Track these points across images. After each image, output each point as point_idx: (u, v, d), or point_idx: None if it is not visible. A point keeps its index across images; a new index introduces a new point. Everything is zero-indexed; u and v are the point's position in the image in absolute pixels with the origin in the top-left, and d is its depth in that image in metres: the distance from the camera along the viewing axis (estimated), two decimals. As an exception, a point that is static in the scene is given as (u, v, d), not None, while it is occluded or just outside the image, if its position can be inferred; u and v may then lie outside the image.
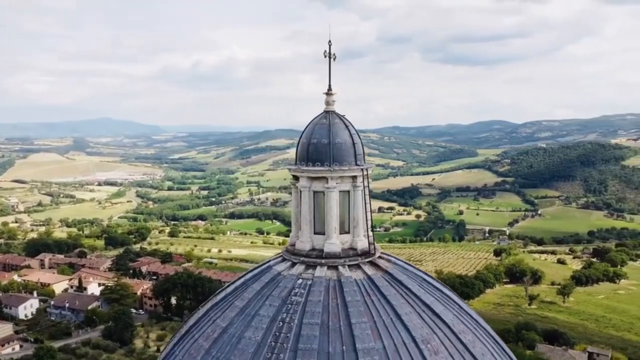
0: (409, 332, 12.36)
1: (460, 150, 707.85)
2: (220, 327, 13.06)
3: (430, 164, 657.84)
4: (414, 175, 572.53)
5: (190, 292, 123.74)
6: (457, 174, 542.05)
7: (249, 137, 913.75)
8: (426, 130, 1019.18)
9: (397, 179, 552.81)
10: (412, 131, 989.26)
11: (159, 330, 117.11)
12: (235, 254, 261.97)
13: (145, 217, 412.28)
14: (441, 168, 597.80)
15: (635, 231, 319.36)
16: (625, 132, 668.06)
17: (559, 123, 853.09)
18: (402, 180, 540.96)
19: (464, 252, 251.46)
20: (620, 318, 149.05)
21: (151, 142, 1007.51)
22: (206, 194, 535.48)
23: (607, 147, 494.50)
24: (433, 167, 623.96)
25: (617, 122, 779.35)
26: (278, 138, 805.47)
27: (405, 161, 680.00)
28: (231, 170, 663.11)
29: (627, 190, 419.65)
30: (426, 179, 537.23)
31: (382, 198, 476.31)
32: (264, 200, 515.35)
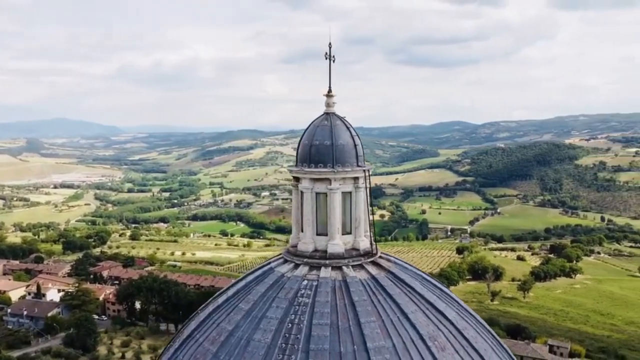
0: (416, 329, 12.63)
1: (422, 150, 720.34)
2: (226, 330, 12.96)
3: (393, 164, 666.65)
4: (377, 175, 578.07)
5: (155, 297, 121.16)
6: (420, 174, 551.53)
7: (212, 138, 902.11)
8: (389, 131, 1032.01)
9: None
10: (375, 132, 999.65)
11: (123, 336, 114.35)
12: (199, 257, 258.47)
13: (105, 220, 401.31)
14: (404, 168, 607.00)
15: (588, 228, 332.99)
16: (578, 132, 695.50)
17: (516, 124, 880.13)
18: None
19: (427, 250, 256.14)
20: (577, 311, 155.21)
21: (110, 143, 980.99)
22: (168, 196, 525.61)
23: (561, 147, 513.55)
24: (396, 167, 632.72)
25: (570, 122, 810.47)
26: (241, 139, 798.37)
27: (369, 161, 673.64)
28: (193, 172, 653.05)
29: (581, 188, 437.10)
30: (389, 179, 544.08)
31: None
32: (227, 202, 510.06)
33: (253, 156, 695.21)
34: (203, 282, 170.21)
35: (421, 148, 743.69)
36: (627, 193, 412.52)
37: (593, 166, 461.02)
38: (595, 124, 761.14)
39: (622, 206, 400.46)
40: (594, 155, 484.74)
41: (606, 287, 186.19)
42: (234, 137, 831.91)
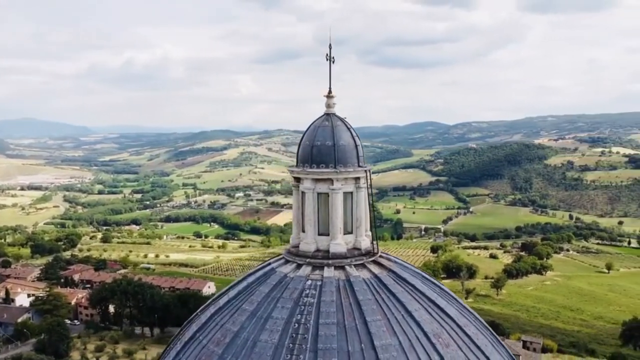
0: (421, 327, 12.82)
1: (396, 150, 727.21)
2: (231, 331, 12.90)
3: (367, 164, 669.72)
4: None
5: (130, 300, 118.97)
6: (394, 173, 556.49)
7: (184, 138, 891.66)
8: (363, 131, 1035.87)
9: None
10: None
11: (97, 340, 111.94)
12: (173, 259, 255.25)
13: (75, 223, 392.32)
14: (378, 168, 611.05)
15: (557, 226, 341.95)
16: (546, 132, 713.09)
17: (487, 124, 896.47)
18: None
19: (402, 249, 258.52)
20: (548, 307, 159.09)
21: (79, 143, 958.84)
22: (140, 197, 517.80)
23: (531, 147, 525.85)
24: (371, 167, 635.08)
25: (539, 123, 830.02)
26: (215, 139, 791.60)
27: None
28: (166, 173, 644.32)
29: (550, 187, 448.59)
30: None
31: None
32: (201, 203, 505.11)
33: (227, 157, 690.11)
34: (178, 284, 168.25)
35: (395, 148, 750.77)
36: (594, 192, 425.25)
37: (561, 166, 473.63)
38: (563, 124, 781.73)
39: (589, 204, 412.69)
40: (562, 155, 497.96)
41: (575, 283, 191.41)
42: (207, 137, 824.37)
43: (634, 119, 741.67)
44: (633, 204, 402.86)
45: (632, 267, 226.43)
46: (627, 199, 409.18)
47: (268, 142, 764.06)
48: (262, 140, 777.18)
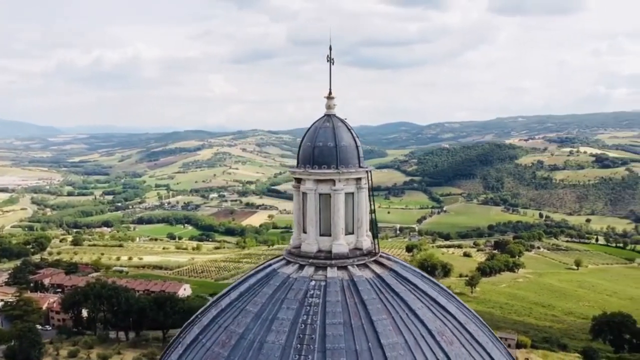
0: (425, 325, 13.02)
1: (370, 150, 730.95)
2: (236, 333, 12.84)
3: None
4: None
5: (104, 304, 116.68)
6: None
7: (157, 139, 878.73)
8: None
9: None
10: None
11: (70, 345, 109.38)
12: (147, 261, 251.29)
13: (43, 226, 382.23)
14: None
15: (528, 224, 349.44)
16: (517, 133, 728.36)
17: (459, 125, 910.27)
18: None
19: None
20: (521, 304, 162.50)
21: (47, 144, 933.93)
22: (111, 199, 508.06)
23: (502, 147, 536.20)
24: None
25: (510, 123, 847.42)
26: (188, 139, 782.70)
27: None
28: (138, 174, 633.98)
29: (520, 186, 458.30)
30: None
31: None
32: (174, 204, 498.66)
33: (200, 157, 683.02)
34: (153, 287, 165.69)
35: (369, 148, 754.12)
36: (563, 190, 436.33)
37: (531, 165, 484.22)
38: (533, 124, 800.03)
39: (559, 203, 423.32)
40: (532, 155, 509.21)
41: (546, 280, 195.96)
42: (180, 137, 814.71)
43: (600, 119, 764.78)
44: (600, 202, 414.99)
45: (599, 264, 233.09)
46: (594, 197, 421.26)
47: (242, 142, 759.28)
48: (236, 140, 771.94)
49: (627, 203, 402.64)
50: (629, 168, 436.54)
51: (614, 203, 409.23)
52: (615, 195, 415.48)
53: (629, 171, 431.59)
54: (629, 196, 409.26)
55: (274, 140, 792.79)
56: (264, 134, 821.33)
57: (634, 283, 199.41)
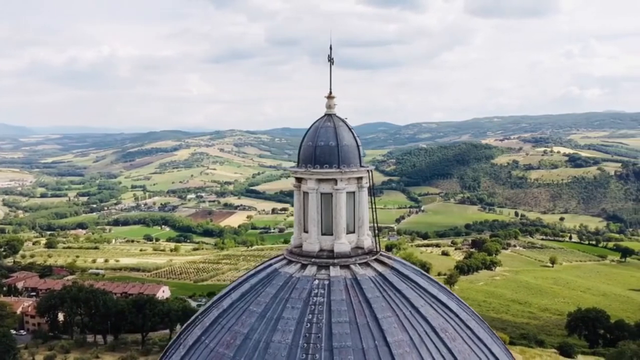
0: (428, 322, 13.16)
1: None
2: (241, 333, 12.78)
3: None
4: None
5: (81, 307, 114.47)
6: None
7: (133, 139, 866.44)
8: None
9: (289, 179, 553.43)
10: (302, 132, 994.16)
11: (46, 350, 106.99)
12: (124, 263, 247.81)
13: (16, 228, 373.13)
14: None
15: (504, 222, 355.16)
16: (493, 133, 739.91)
17: (436, 125, 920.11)
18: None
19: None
20: (498, 302, 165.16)
21: (18, 144, 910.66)
22: (86, 201, 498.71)
23: (478, 147, 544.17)
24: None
25: (486, 124, 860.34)
26: (164, 139, 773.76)
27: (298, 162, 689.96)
28: (113, 174, 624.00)
29: (496, 186, 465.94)
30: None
31: (275, 199, 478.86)
32: (151, 205, 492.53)
33: (177, 157, 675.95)
34: (131, 289, 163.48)
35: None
36: (537, 189, 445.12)
37: (507, 165, 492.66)
38: (508, 125, 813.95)
39: (533, 202, 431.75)
40: (507, 155, 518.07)
41: (522, 277, 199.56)
42: (157, 137, 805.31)
43: (573, 120, 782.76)
44: (573, 201, 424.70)
45: (573, 261, 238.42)
46: (568, 196, 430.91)
47: (220, 142, 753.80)
48: (213, 140, 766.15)
49: (598, 202, 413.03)
50: (600, 167, 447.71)
51: (586, 202, 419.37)
52: (587, 194, 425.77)
53: (600, 170, 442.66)
54: (600, 195, 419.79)
55: (252, 140, 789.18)
56: (242, 134, 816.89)
57: (606, 279, 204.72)
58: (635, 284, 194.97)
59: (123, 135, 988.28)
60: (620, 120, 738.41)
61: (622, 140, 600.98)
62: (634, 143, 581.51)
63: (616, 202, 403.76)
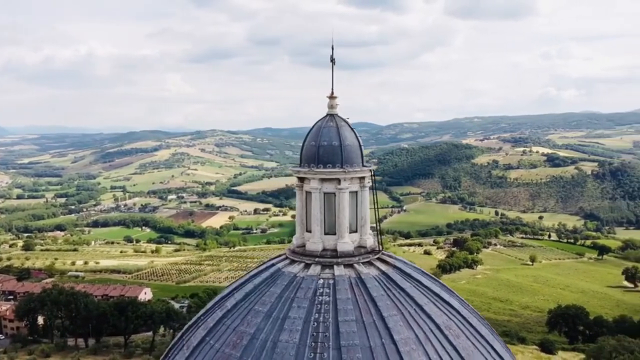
0: (433, 320, 13.32)
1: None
2: (247, 333, 12.76)
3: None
4: (287, 176, 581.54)
5: (62, 310, 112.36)
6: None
7: (112, 139, 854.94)
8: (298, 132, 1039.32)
9: (271, 180, 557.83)
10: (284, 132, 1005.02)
11: (25, 354, 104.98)
12: (104, 265, 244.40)
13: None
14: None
15: (484, 222, 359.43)
16: (473, 133, 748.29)
17: (418, 125, 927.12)
18: (276, 181, 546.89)
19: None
20: (480, 300, 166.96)
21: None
22: (64, 202, 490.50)
23: (459, 147, 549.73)
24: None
25: (466, 124, 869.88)
26: (145, 140, 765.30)
27: (279, 162, 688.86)
28: (92, 175, 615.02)
29: (477, 185, 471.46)
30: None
31: (257, 200, 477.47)
32: (131, 206, 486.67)
33: (158, 158, 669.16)
34: (112, 291, 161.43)
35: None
36: (517, 189, 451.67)
37: (487, 165, 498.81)
38: (488, 125, 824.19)
39: (513, 201, 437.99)
40: (487, 155, 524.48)
41: (503, 275, 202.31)
42: (137, 138, 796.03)
43: (551, 120, 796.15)
44: (551, 200, 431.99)
45: (552, 259, 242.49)
46: (546, 195, 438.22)
47: (201, 142, 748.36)
48: (194, 141, 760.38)
49: (576, 200, 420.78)
50: (577, 167, 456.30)
51: (564, 200, 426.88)
52: (565, 193, 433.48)
53: (577, 170, 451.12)
54: (578, 194, 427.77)
55: (234, 140, 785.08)
56: (223, 134, 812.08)
57: (584, 277, 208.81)
58: (612, 280, 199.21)
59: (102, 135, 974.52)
60: (596, 121, 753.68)
61: (598, 140, 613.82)
62: (609, 143, 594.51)
63: (593, 201, 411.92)
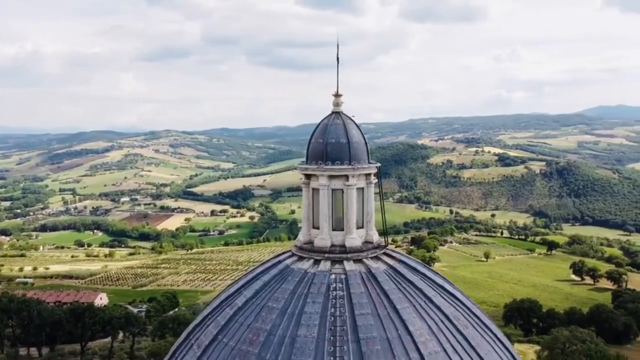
0: (442, 311, 13.74)
1: (288, 151, 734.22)
2: (263, 330, 12.76)
3: (260, 165, 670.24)
4: (245, 177, 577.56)
5: (12, 319, 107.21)
6: (288, 174, 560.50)
7: (60, 140, 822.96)
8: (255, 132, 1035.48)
9: (228, 181, 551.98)
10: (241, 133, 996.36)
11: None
12: (55, 271, 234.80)
13: None
14: (272, 169, 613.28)
15: (440, 220, 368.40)
16: (428, 134, 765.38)
17: (375, 125, 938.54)
18: (233, 182, 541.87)
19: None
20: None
21: None
22: (9, 205, 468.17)
23: (415, 147, 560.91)
24: (264, 168, 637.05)
25: (421, 125, 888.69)
26: (95, 140, 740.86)
27: (236, 163, 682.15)
28: (39, 177, 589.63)
29: (432, 185, 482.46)
30: (258, 180, 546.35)
31: (214, 201, 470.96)
32: (82, 209, 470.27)
33: (109, 159, 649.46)
34: (65, 298, 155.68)
35: (287, 149, 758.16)
36: (470, 188, 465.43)
37: (442, 164, 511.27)
38: (442, 126, 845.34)
39: (467, 200, 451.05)
40: (442, 155, 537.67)
41: (460, 272, 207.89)
42: (87, 138, 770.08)
43: (501, 121, 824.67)
44: (503, 198, 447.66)
45: (505, 255, 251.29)
46: (498, 193, 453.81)
47: (155, 143, 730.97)
48: (148, 141, 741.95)
49: (526, 198, 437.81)
50: (527, 166, 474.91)
51: (514, 199, 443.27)
52: (515, 191, 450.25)
53: (527, 169, 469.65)
54: (527, 192, 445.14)
55: (189, 141, 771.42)
56: (178, 135, 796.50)
57: (535, 272, 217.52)
58: (561, 274, 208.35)
59: (49, 135, 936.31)
60: (543, 122, 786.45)
61: (546, 140, 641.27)
62: (556, 143, 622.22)
63: (541, 199, 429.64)
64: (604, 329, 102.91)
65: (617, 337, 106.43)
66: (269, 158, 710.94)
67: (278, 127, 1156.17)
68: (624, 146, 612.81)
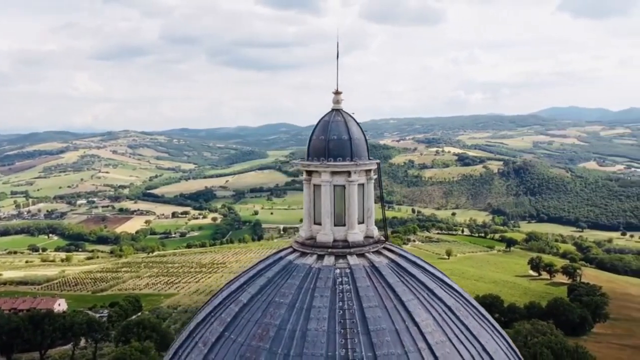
0: (444, 303, 14.14)
1: (251, 152, 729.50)
2: (273, 325, 12.80)
3: (222, 166, 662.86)
4: (207, 178, 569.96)
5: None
6: (250, 175, 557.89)
7: (11, 141, 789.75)
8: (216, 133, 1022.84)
9: (189, 182, 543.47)
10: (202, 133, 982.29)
11: None
12: (8, 277, 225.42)
13: None
14: (234, 170, 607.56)
15: (403, 219, 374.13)
16: (390, 134, 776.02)
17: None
18: (195, 183, 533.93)
19: (264, 250, 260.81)
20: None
21: None
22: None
23: (377, 148, 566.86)
24: (226, 169, 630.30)
25: (383, 125, 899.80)
26: (49, 141, 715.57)
27: (197, 164, 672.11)
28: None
29: (395, 184, 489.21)
30: (220, 181, 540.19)
31: (175, 203, 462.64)
32: (35, 213, 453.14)
33: (65, 160, 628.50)
34: (21, 305, 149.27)
35: (250, 150, 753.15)
36: (431, 187, 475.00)
37: (404, 164, 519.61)
38: (403, 126, 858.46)
39: (428, 199, 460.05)
40: (404, 155, 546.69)
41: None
42: (40, 139, 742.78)
43: (460, 122, 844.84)
44: (463, 197, 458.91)
45: (466, 252, 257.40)
46: (458, 192, 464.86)
47: (112, 144, 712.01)
48: (105, 142, 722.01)
49: (485, 197, 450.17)
50: (485, 165, 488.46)
51: (474, 197, 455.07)
52: (475, 190, 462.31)
53: (485, 168, 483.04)
54: (486, 191, 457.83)
55: (148, 141, 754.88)
56: (136, 135, 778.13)
57: (495, 268, 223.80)
58: (519, 270, 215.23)
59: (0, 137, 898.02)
60: (500, 123, 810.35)
61: (503, 140, 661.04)
62: (512, 143, 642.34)
63: (499, 197, 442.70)
64: (562, 321, 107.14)
65: (574, 329, 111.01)
66: (231, 159, 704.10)
67: (240, 127, 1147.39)
68: (576, 146, 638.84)
